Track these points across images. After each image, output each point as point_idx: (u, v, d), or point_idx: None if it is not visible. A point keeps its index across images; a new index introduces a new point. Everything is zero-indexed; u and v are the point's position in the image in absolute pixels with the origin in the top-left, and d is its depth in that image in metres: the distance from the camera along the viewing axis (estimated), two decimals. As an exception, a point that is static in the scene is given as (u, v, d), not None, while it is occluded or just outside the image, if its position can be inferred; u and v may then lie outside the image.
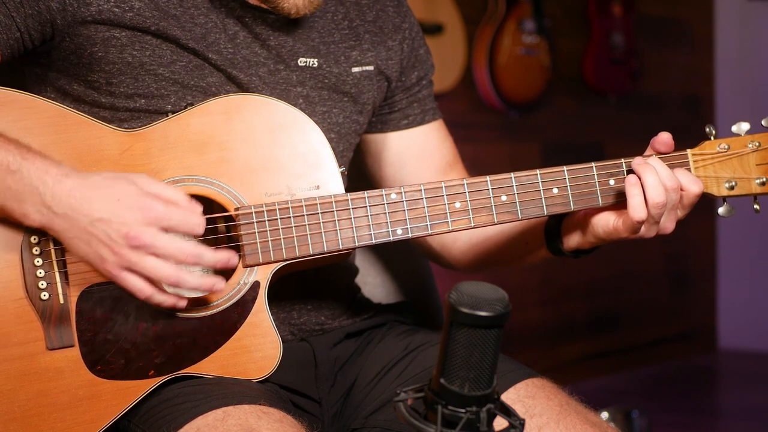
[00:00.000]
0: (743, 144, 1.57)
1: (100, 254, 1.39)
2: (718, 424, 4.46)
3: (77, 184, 1.39)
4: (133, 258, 1.38)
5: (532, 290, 4.74)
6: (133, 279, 1.40)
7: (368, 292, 1.93)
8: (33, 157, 1.40)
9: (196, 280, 1.42)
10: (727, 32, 5.62)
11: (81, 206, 1.39)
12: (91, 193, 1.39)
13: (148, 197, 1.40)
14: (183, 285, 1.41)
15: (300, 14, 1.58)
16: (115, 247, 1.38)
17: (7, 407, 1.43)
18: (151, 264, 1.39)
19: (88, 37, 1.54)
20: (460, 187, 1.54)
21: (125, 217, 1.38)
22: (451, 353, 1.09)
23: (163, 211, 1.39)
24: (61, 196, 1.39)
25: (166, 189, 1.42)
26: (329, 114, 1.68)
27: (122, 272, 1.40)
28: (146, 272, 1.39)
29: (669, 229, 1.55)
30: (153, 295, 1.41)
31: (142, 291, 1.41)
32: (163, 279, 1.40)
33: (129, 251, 1.38)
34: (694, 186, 1.53)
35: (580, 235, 1.60)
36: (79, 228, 1.39)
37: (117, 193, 1.39)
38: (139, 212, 1.38)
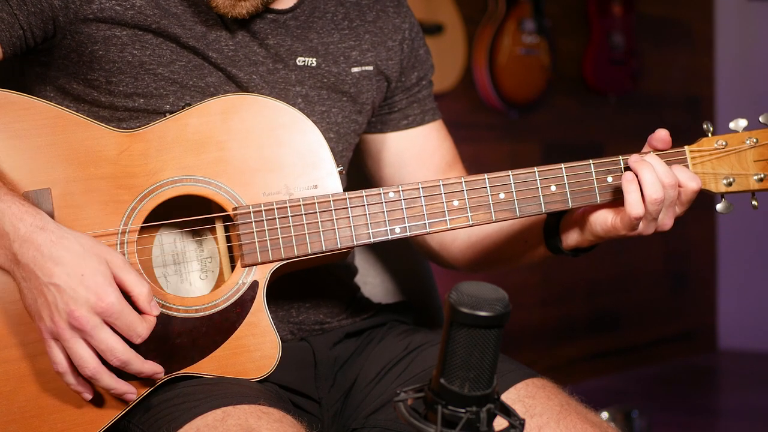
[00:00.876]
0: (741, 140, 1.57)
1: (40, 312, 1.37)
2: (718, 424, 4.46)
3: (49, 240, 1.36)
4: (66, 335, 1.36)
5: (532, 290, 4.74)
6: (55, 350, 1.38)
7: (368, 292, 1.93)
8: (11, 200, 1.38)
9: (110, 382, 1.40)
10: (727, 32, 5.62)
11: (44, 265, 1.36)
12: (59, 256, 1.36)
13: (110, 286, 1.37)
14: (98, 382, 1.39)
15: (221, 12, 1.55)
16: (56, 317, 1.36)
17: (6, 409, 1.43)
18: (79, 349, 1.37)
19: (90, 35, 1.54)
20: (458, 185, 1.54)
21: (79, 295, 1.35)
22: (451, 353, 1.09)
23: (116, 309, 1.36)
24: (29, 247, 1.36)
25: (134, 281, 1.39)
26: (328, 114, 1.68)
27: (50, 339, 1.38)
28: (70, 353, 1.37)
29: (667, 226, 1.55)
30: (66, 373, 1.39)
31: (59, 365, 1.39)
32: (82, 367, 1.38)
33: (66, 327, 1.36)
34: (692, 182, 1.53)
35: (579, 233, 1.60)
36: (34, 282, 1.37)
37: (85, 267, 1.36)
38: (94, 297, 1.35)
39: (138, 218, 1.49)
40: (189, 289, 1.58)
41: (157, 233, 1.57)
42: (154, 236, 1.57)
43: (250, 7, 1.56)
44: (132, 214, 1.49)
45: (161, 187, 1.51)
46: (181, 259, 1.58)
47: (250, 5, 1.56)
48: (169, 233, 1.58)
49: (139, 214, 1.49)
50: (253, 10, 1.57)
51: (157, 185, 1.50)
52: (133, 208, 1.49)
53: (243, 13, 1.56)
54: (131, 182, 1.50)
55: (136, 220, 1.49)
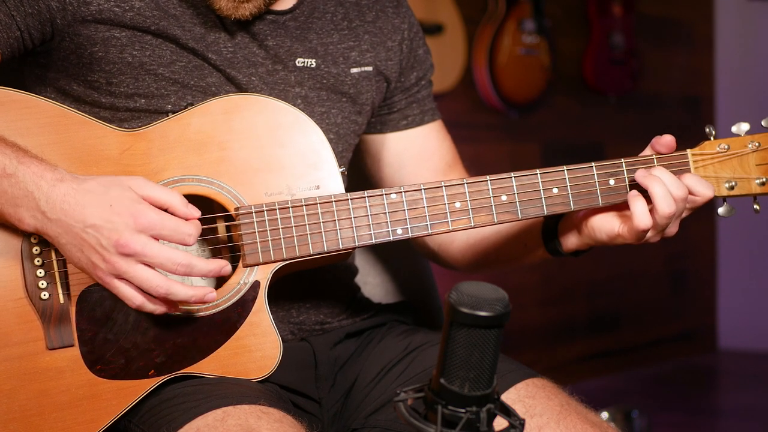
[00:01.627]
0: (743, 144, 1.57)
1: (91, 260, 1.39)
2: (718, 424, 4.46)
3: (71, 189, 1.38)
4: (123, 266, 1.37)
5: (532, 290, 4.74)
6: (123, 287, 1.40)
7: (368, 292, 1.93)
8: (29, 161, 1.40)
9: (186, 291, 1.41)
10: (727, 32, 5.62)
11: (74, 212, 1.38)
12: (85, 199, 1.38)
13: (141, 203, 1.39)
14: (173, 296, 1.40)
15: (224, 14, 1.56)
16: (106, 255, 1.37)
17: (7, 407, 1.43)
18: (140, 273, 1.38)
19: (89, 37, 1.54)
20: (460, 187, 1.54)
21: (116, 224, 1.37)
22: (451, 353, 1.09)
23: (155, 219, 1.38)
24: (56, 201, 1.38)
25: (161, 192, 1.42)
26: (328, 114, 1.68)
27: (113, 280, 1.39)
28: (136, 281, 1.38)
29: (673, 233, 1.55)
30: (144, 303, 1.41)
31: (132, 299, 1.40)
32: (153, 289, 1.39)
33: (119, 259, 1.37)
34: (706, 190, 1.52)
35: (578, 236, 1.60)
36: (72, 234, 1.38)
37: (110, 198, 1.38)
38: (130, 219, 1.37)
39: (139, 218, 1.49)
40: (190, 288, 1.58)
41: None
42: (156, 236, 1.57)
43: (253, 9, 1.56)
44: (133, 213, 1.49)
45: (163, 186, 1.50)
46: (183, 258, 1.58)
47: (253, 6, 1.56)
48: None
49: (141, 213, 1.49)
50: (255, 12, 1.57)
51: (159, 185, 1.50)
52: (135, 207, 1.49)
53: (246, 14, 1.56)
54: (133, 182, 1.50)
55: (137, 220, 1.49)
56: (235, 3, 1.54)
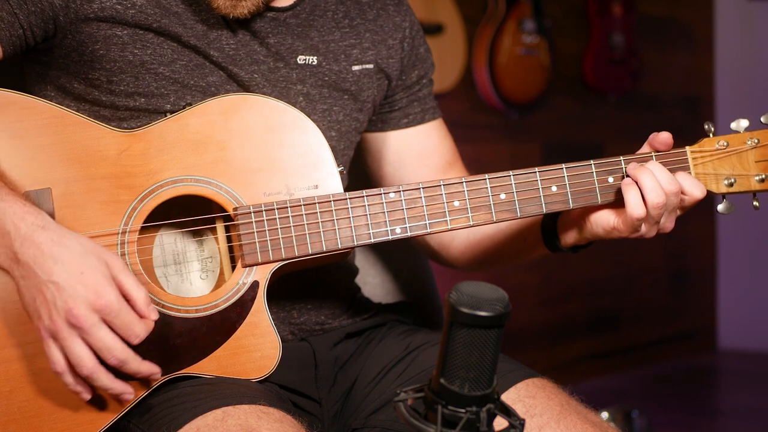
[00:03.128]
0: (742, 141, 1.57)
1: (38, 311, 1.37)
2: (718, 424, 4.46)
3: (50, 239, 1.36)
4: (64, 333, 1.36)
5: (532, 290, 4.74)
6: (54, 349, 1.37)
7: (368, 292, 1.93)
8: (13, 200, 1.38)
9: (108, 382, 1.39)
10: (727, 32, 5.62)
11: (44, 263, 1.36)
12: (60, 254, 1.36)
13: (110, 285, 1.37)
14: (95, 381, 1.39)
15: (222, 13, 1.55)
16: (54, 315, 1.35)
17: (6, 408, 1.43)
18: (76, 348, 1.36)
19: (90, 35, 1.54)
20: (458, 185, 1.54)
21: (78, 293, 1.35)
22: (451, 353, 1.09)
23: (115, 307, 1.36)
24: (30, 246, 1.36)
25: (132, 283, 1.39)
26: (329, 112, 1.68)
27: (48, 338, 1.37)
28: (68, 351, 1.37)
29: (669, 228, 1.55)
30: (65, 374, 1.39)
31: (56, 365, 1.38)
32: (79, 366, 1.37)
33: (64, 325, 1.35)
34: (696, 191, 1.53)
35: (577, 232, 1.60)
36: (34, 280, 1.36)
37: (84, 265, 1.36)
38: (93, 294, 1.35)
39: (138, 218, 1.49)
40: (189, 289, 1.58)
41: (157, 233, 1.57)
42: (155, 236, 1.57)
43: (251, 7, 1.56)
44: (132, 214, 1.49)
45: (162, 187, 1.51)
46: (182, 259, 1.58)
47: (251, 5, 1.56)
48: (169, 233, 1.58)
49: (140, 214, 1.49)
50: (254, 10, 1.57)
51: (158, 185, 1.50)
52: (134, 208, 1.49)
53: (245, 13, 1.56)
54: (132, 182, 1.50)
55: (136, 220, 1.49)
56: (232, 1, 1.54)
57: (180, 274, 1.58)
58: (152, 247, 1.57)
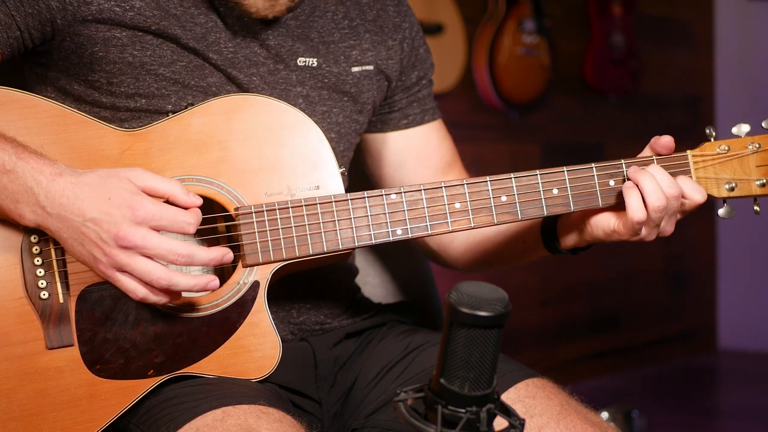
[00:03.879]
0: (743, 145, 1.57)
1: (92, 254, 1.39)
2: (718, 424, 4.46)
3: (70, 183, 1.38)
4: (124, 259, 1.37)
5: (532, 290, 4.74)
6: (126, 280, 1.39)
7: (368, 292, 1.93)
8: (28, 157, 1.40)
9: (188, 281, 1.41)
10: (727, 32, 5.63)
11: (73, 206, 1.38)
12: (83, 192, 1.38)
13: (139, 195, 1.39)
14: (175, 287, 1.40)
15: (260, 15, 1.56)
16: (106, 248, 1.37)
17: (6, 406, 1.43)
18: (142, 265, 1.38)
19: (89, 37, 1.54)
20: (460, 187, 1.54)
21: (115, 216, 1.37)
22: (451, 353, 1.09)
23: (153, 210, 1.38)
24: (55, 195, 1.38)
25: (160, 181, 1.41)
26: (329, 114, 1.68)
27: (115, 273, 1.39)
28: (137, 273, 1.38)
29: (669, 232, 1.55)
30: (147, 295, 1.40)
31: (135, 292, 1.40)
32: (154, 281, 1.38)
33: (119, 252, 1.37)
34: (697, 195, 1.53)
35: (577, 234, 1.60)
36: (72, 228, 1.38)
37: (108, 191, 1.38)
38: (128, 211, 1.37)
39: (139, 218, 1.49)
40: (190, 288, 1.58)
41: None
42: (155, 236, 1.57)
43: (288, 2, 1.57)
44: (133, 213, 1.49)
45: (163, 186, 1.50)
46: (182, 258, 1.58)
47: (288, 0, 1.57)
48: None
49: (141, 213, 1.49)
50: (290, 5, 1.58)
51: (159, 185, 1.50)
52: (135, 207, 1.49)
53: (282, 9, 1.57)
54: (133, 182, 1.50)
55: (137, 220, 1.49)
56: (271, 2, 1.55)
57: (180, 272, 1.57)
58: (153, 246, 1.57)
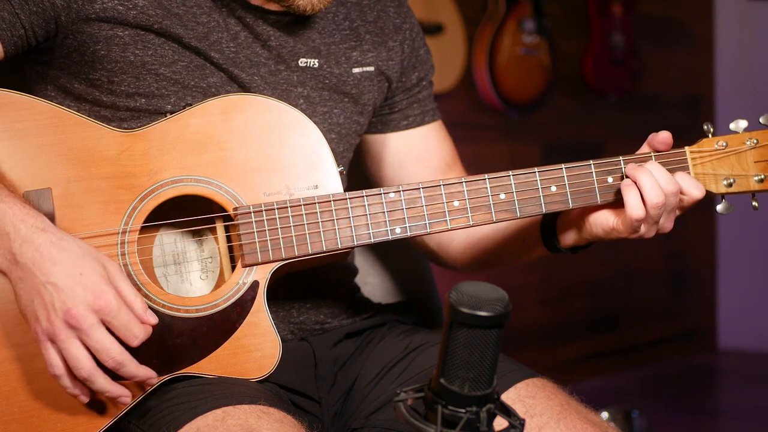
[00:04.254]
0: (741, 141, 1.57)
1: (36, 314, 1.36)
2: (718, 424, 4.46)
3: (49, 241, 1.37)
4: (63, 335, 1.35)
5: (532, 290, 4.74)
6: (51, 352, 1.37)
7: (368, 292, 1.93)
8: (13, 202, 1.38)
9: (105, 385, 1.39)
10: (727, 32, 5.62)
11: (43, 264, 1.36)
12: (59, 256, 1.36)
13: (108, 285, 1.37)
14: (92, 384, 1.38)
15: (315, 10, 1.59)
16: (52, 316, 1.35)
17: (6, 408, 1.43)
18: (74, 349, 1.36)
19: (92, 35, 1.54)
20: (458, 185, 1.54)
21: (76, 293, 1.35)
22: (451, 353, 1.09)
23: (114, 306, 1.36)
24: (29, 248, 1.36)
25: (129, 289, 1.39)
26: (330, 114, 1.68)
27: (46, 341, 1.37)
28: (66, 354, 1.36)
29: (668, 229, 1.55)
30: (63, 376, 1.38)
31: (54, 368, 1.38)
32: (77, 369, 1.36)
33: (62, 326, 1.35)
34: (695, 191, 1.53)
35: (576, 232, 1.60)
36: (32, 282, 1.36)
37: (83, 266, 1.36)
38: (91, 295, 1.35)
39: (138, 218, 1.49)
40: (189, 289, 1.58)
41: (157, 233, 1.57)
42: (155, 236, 1.57)
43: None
44: (132, 213, 1.49)
45: (162, 187, 1.51)
46: (182, 259, 1.58)
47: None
48: (169, 233, 1.58)
49: (140, 214, 1.50)
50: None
51: (158, 185, 1.50)
52: (134, 207, 1.50)
53: (326, 2, 1.59)
54: (132, 182, 1.50)
55: (136, 220, 1.49)
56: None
57: (180, 274, 1.58)
58: (152, 247, 1.57)
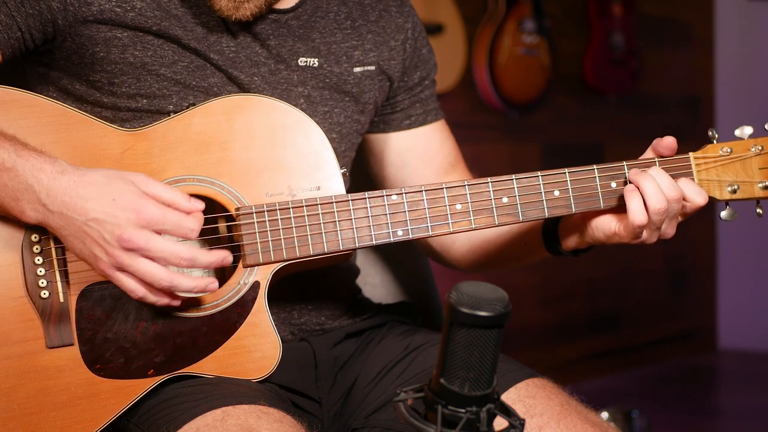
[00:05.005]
0: (746, 148, 1.57)
1: (94, 253, 1.39)
2: (718, 424, 4.46)
3: (72, 181, 1.39)
4: (126, 260, 1.38)
5: (532, 290, 4.74)
6: (126, 279, 1.40)
7: (369, 292, 1.93)
8: (28, 154, 1.40)
9: (189, 283, 1.42)
10: (727, 32, 5.63)
11: (76, 205, 1.38)
12: (87, 191, 1.38)
13: (143, 198, 1.39)
14: (176, 288, 1.41)
15: (224, 15, 1.55)
16: (109, 248, 1.38)
17: (6, 405, 1.44)
18: (144, 267, 1.39)
19: (90, 37, 1.54)
20: (461, 188, 1.54)
21: (119, 218, 1.37)
22: (451, 353, 1.09)
23: (158, 214, 1.39)
24: (56, 193, 1.38)
25: (163, 189, 1.42)
26: (331, 114, 1.68)
27: (116, 272, 1.40)
28: (139, 274, 1.39)
29: (670, 235, 1.55)
30: (146, 295, 1.41)
31: (134, 291, 1.41)
32: (156, 282, 1.39)
33: (122, 253, 1.38)
34: (698, 198, 1.53)
35: (578, 236, 1.60)
36: (74, 226, 1.39)
37: (113, 192, 1.39)
38: (133, 214, 1.38)
39: (140, 218, 1.49)
40: (190, 288, 1.58)
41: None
42: (156, 236, 1.57)
43: (254, 9, 1.56)
44: (134, 213, 1.49)
45: (164, 186, 1.50)
46: (183, 258, 1.58)
47: (254, 6, 1.55)
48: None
49: (141, 213, 1.49)
50: (256, 12, 1.56)
51: (160, 185, 1.50)
52: (136, 207, 1.49)
53: (247, 15, 1.56)
54: (134, 181, 1.50)
55: (138, 220, 1.49)
56: (235, 3, 1.54)
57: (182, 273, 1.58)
58: (153, 246, 1.57)
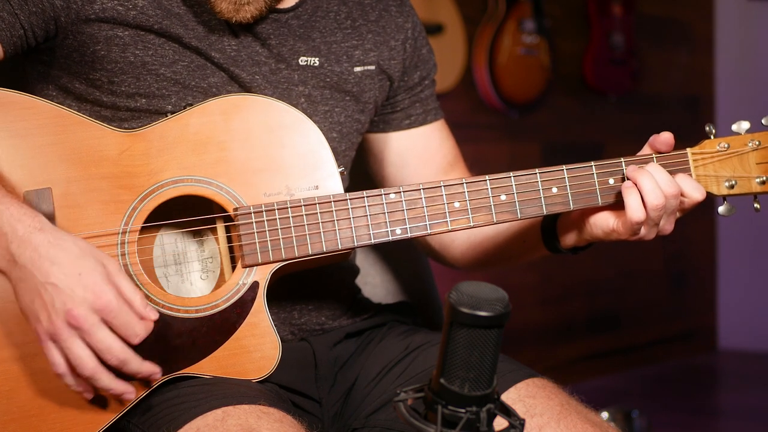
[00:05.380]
0: (743, 143, 1.57)
1: (37, 314, 1.36)
2: (718, 424, 4.46)
3: (47, 241, 1.36)
4: (65, 334, 1.35)
5: (532, 290, 4.74)
6: (54, 352, 1.37)
7: (368, 292, 1.93)
8: (10, 203, 1.38)
9: (109, 383, 1.38)
10: (727, 32, 5.63)
11: (42, 264, 1.35)
12: (57, 256, 1.35)
13: (107, 285, 1.36)
14: (96, 382, 1.38)
15: (224, 17, 1.55)
16: (53, 316, 1.35)
17: (6, 408, 1.43)
18: (76, 349, 1.35)
19: (91, 36, 1.54)
20: (459, 186, 1.54)
21: (76, 294, 1.34)
22: (451, 353, 1.09)
23: (114, 306, 1.35)
24: (27, 247, 1.36)
25: (128, 285, 1.38)
26: (331, 113, 1.68)
27: (48, 341, 1.36)
28: (69, 353, 1.36)
29: (668, 231, 1.55)
30: (65, 375, 1.38)
31: (57, 366, 1.37)
32: (80, 367, 1.36)
33: (64, 327, 1.35)
34: (696, 193, 1.53)
35: (577, 233, 1.60)
36: (31, 282, 1.36)
37: (82, 266, 1.35)
38: (92, 295, 1.35)
39: (139, 218, 1.49)
40: (190, 289, 1.58)
41: (158, 233, 1.57)
42: (155, 236, 1.57)
43: (254, 11, 1.56)
44: (133, 214, 1.49)
45: (162, 187, 1.51)
46: (182, 259, 1.58)
47: (254, 9, 1.55)
48: (170, 233, 1.58)
49: (140, 214, 1.50)
50: (257, 14, 1.56)
51: (158, 185, 1.50)
52: (134, 208, 1.50)
53: (247, 17, 1.55)
54: (132, 182, 1.50)
55: (136, 220, 1.49)
56: (235, 6, 1.54)
57: (180, 275, 1.58)
58: (152, 247, 1.57)
